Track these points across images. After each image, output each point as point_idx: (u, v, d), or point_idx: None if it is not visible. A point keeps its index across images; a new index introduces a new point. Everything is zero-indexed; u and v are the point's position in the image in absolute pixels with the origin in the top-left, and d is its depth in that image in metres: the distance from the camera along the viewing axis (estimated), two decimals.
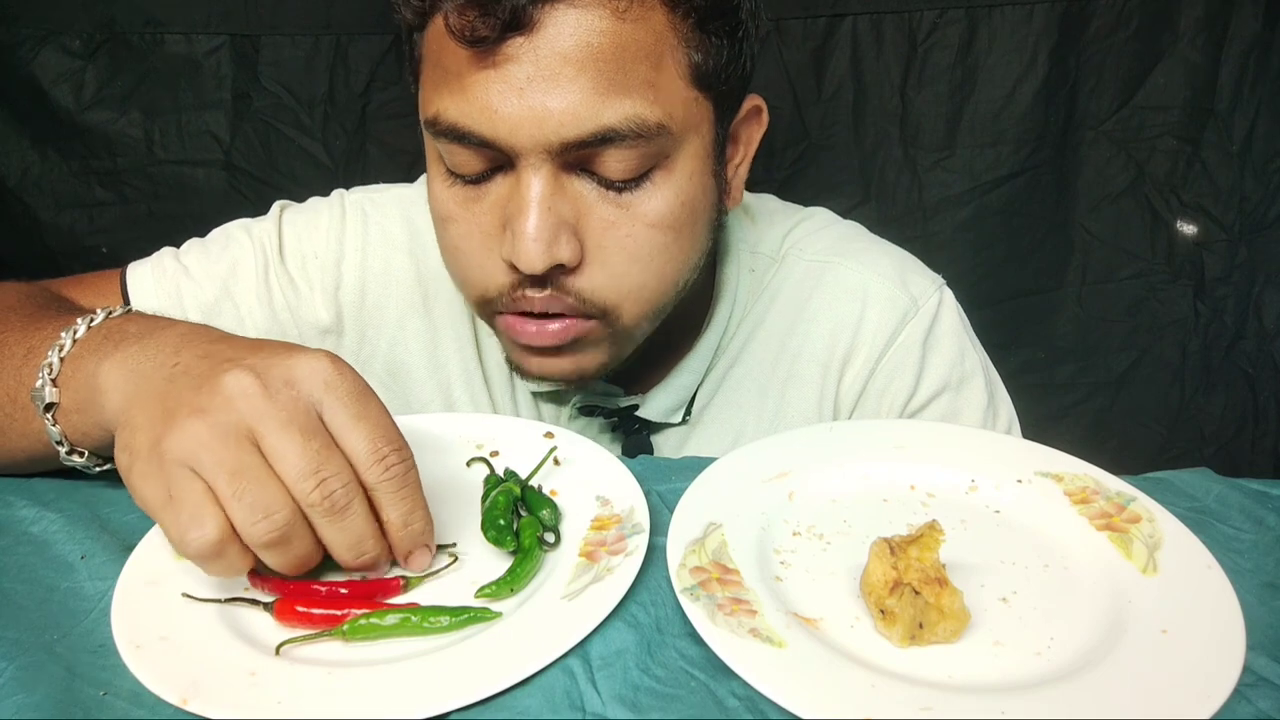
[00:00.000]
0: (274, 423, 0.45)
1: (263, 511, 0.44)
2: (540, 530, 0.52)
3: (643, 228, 0.61)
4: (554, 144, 0.56)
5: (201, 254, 0.77)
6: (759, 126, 0.70)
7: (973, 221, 1.17)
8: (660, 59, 0.57)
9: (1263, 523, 0.53)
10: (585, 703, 0.42)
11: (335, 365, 0.48)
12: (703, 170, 0.63)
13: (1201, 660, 0.42)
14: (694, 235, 0.65)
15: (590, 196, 0.60)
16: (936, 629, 0.44)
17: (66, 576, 0.51)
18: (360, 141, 1.15)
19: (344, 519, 0.46)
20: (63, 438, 0.56)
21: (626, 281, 0.62)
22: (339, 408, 0.47)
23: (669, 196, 0.61)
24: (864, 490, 0.56)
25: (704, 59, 0.59)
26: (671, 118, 0.58)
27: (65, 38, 1.09)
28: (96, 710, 0.42)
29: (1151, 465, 0.61)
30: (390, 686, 0.42)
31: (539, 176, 0.58)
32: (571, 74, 0.55)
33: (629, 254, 0.61)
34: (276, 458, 0.45)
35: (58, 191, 1.15)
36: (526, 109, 0.55)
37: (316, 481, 0.45)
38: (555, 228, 0.58)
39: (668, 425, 0.77)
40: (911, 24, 1.10)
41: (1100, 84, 1.13)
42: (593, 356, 0.65)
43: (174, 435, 0.45)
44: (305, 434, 0.45)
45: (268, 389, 0.46)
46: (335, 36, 1.11)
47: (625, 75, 0.56)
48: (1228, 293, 1.18)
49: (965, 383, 0.77)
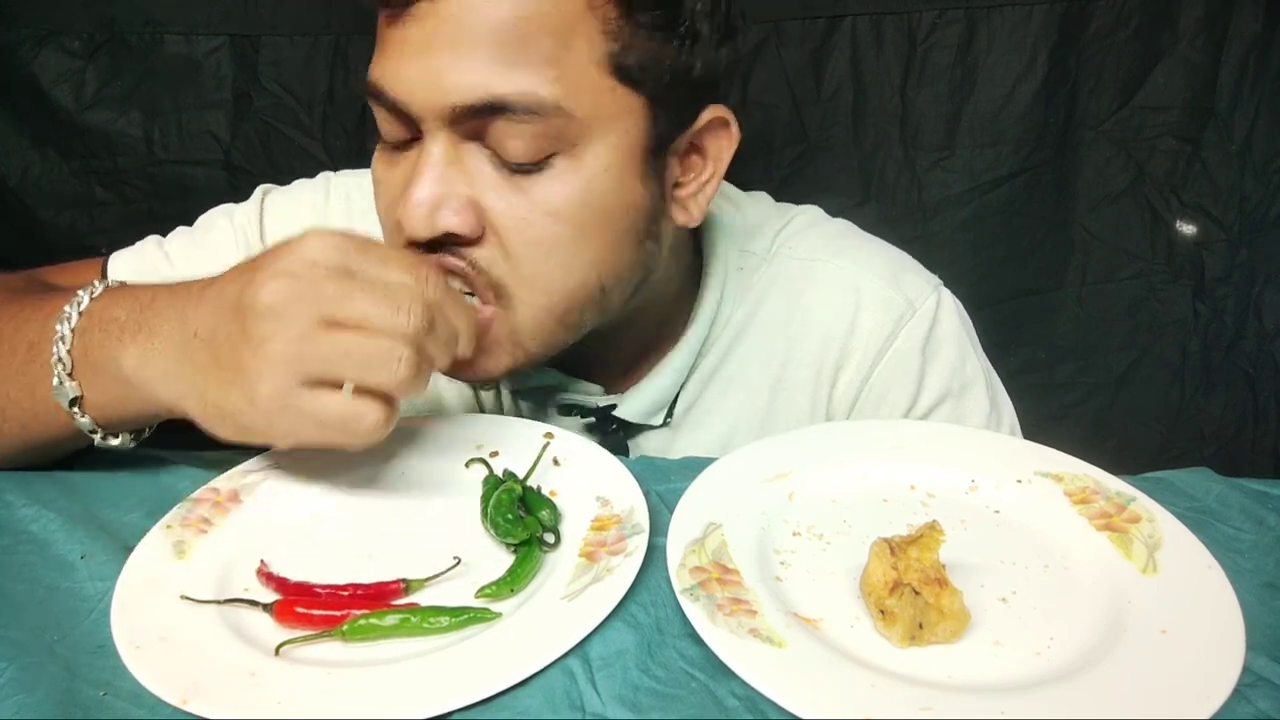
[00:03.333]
0: (335, 298, 0.48)
1: (394, 358, 0.49)
2: (540, 531, 0.52)
3: (541, 214, 0.58)
4: (444, 107, 0.56)
5: (185, 240, 0.77)
6: (728, 140, 0.65)
7: (973, 221, 1.17)
8: (570, 39, 0.56)
9: (1263, 523, 0.53)
10: (585, 703, 0.42)
11: (332, 232, 0.51)
12: (621, 169, 0.59)
13: (1201, 660, 0.42)
14: (606, 238, 0.61)
15: (489, 173, 0.58)
16: (936, 629, 0.44)
17: (66, 576, 0.51)
18: (360, 141, 1.14)
19: (437, 327, 0.51)
20: (95, 426, 0.57)
21: (524, 267, 0.59)
22: (364, 261, 0.50)
23: (571, 186, 0.58)
24: (864, 490, 0.56)
25: (625, 49, 0.57)
26: (574, 102, 0.56)
27: (65, 38, 1.09)
28: (96, 710, 0.42)
29: (1151, 465, 0.61)
30: (390, 686, 0.42)
31: (435, 143, 0.57)
32: (469, 40, 0.54)
33: (525, 239, 0.59)
34: (360, 320, 0.49)
35: (58, 191, 1.15)
36: (422, 71, 0.55)
37: (405, 313, 0.49)
38: (443, 195, 0.57)
39: (648, 427, 0.75)
40: (911, 24, 1.10)
41: (1100, 84, 1.13)
42: (494, 357, 0.62)
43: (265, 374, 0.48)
44: (364, 290, 0.49)
45: (303, 279, 0.49)
46: (335, 36, 1.11)
47: (525, 48, 0.55)
48: (1228, 293, 1.18)
49: (967, 389, 0.75)
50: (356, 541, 0.53)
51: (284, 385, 0.48)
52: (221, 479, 0.58)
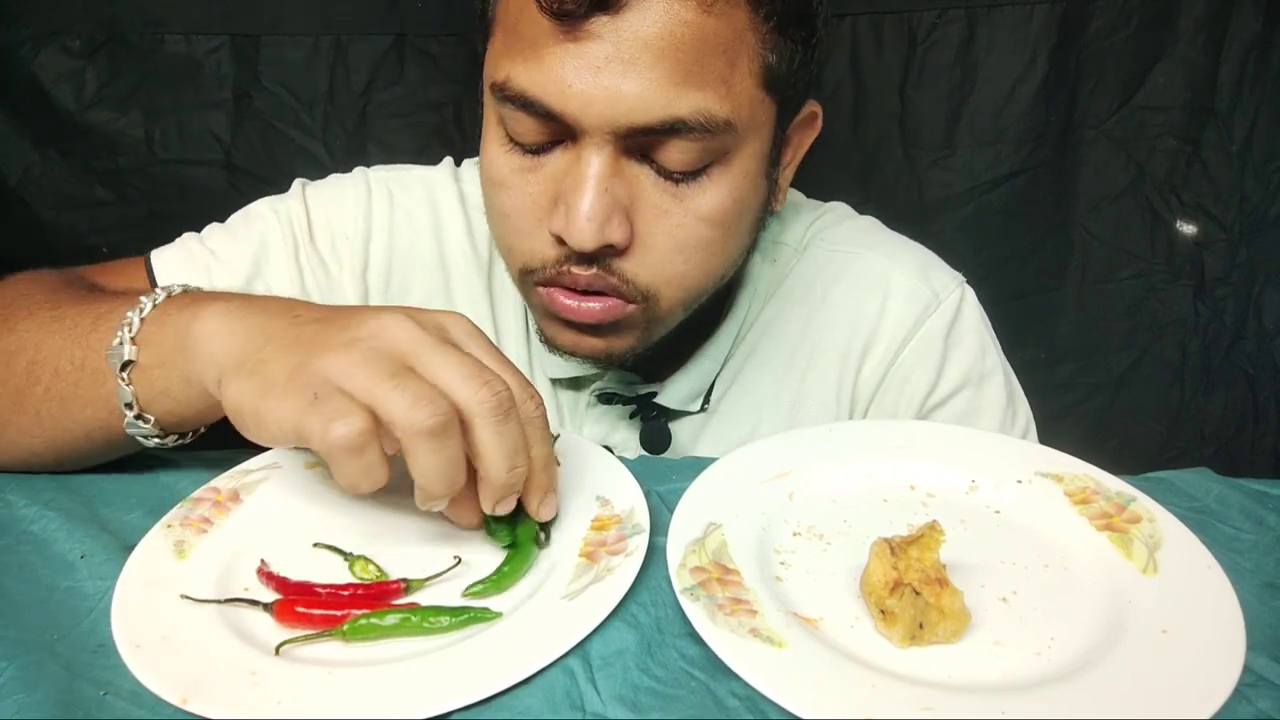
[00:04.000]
0: (432, 346, 0.47)
1: (427, 399, 0.45)
2: (535, 530, 0.52)
3: (694, 220, 0.61)
4: (622, 126, 0.56)
5: (226, 236, 0.76)
6: (812, 132, 0.71)
7: (973, 221, 1.17)
8: (736, 57, 0.57)
9: (1263, 523, 0.53)
10: (585, 703, 0.42)
11: (474, 325, 0.51)
12: (758, 171, 0.63)
13: (1201, 660, 0.42)
14: (740, 233, 0.65)
15: (646, 183, 0.60)
16: (937, 629, 0.44)
17: (66, 576, 0.51)
18: (360, 141, 1.15)
19: (507, 423, 0.47)
20: (134, 399, 0.56)
21: (670, 269, 0.62)
22: (484, 353, 0.49)
23: (723, 193, 0.61)
24: (864, 490, 0.56)
25: (778, 62, 0.60)
26: (739, 116, 0.58)
27: (66, 38, 1.09)
28: (96, 710, 0.42)
29: (1151, 465, 0.61)
30: (390, 686, 0.42)
31: (600, 156, 0.57)
32: (650, 60, 0.55)
33: (676, 243, 0.61)
34: (436, 371, 0.46)
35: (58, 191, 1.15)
36: (600, 88, 0.55)
37: (483, 382, 0.46)
38: (609, 209, 0.58)
39: (685, 413, 0.77)
40: (911, 24, 1.10)
41: (1100, 84, 1.13)
42: (625, 340, 0.66)
43: (323, 359, 0.46)
44: (462, 351, 0.48)
45: (422, 326, 0.48)
46: (335, 36, 1.11)
47: (702, 68, 0.56)
48: (1228, 293, 1.18)
49: (986, 380, 0.78)
50: (357, 541, 0.53)
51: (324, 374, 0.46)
52: (221, 479, 0.58)
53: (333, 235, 0.76)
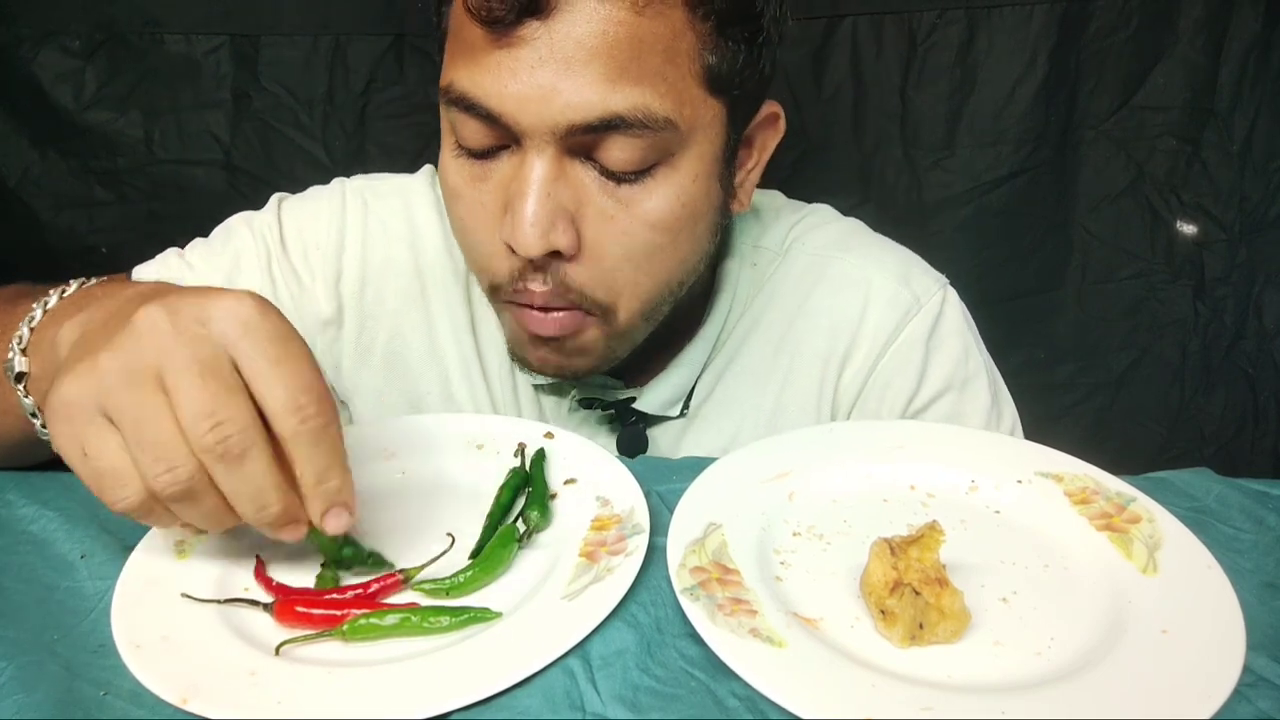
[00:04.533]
0: (177, 362, 0.43)
1: (165, 464, 0.42)
2: (517, 535, 0.52)
3: (640, 225, 0.60)
4: (560, 125, 0.56)
5: (205, 250, 0.77)
6: (775, 133, 0.70)
7: (973, 221, 1.17)
8: (675, 55, 0.57)
9: (1263, 523, 0.53)
10: (585, 703, 0.42)
11: (258, 306, 0.45)
12: (708, 174, 0.63)
13: (1201, 660, 0.42)
14: (692, 238, 0.64)
15: (591, 186, 0.59)
16: (937, 629, 0.44)
17: (66, 576, 0.51)
18: (360, 141, 1.15)
19: (241, 467, 0.43)
20: (36, 409, 0.55)
21: (622, 278, 0.62)
22: (255, 352, 0.44)
23: (669, 196, 0.60)
24: (864, 490, 0.56)
25: (719, 62, 0.59)
26: (680, 114, 0.58)
27: (65, 38, 1.09)
28: (96, 710, 0.42)
29: (1151, 465, 0.61)
30: (390, 686, 0.42)
31: (542, 159, 0.58)
32: (584, 58, 0.55)
33: (625, 250, 0.61)
34: (175, 399, 0.43)
35: (58, 191, 1.15)
36: (535, 88, 0.55)
37: (210, 425, 0.42)
38: (553, 213, 0.58)
39: (665, 418, 0.77)
40: (911, 24, 1.10)
41: (1100, 84, 1.13)
42: (588, 358, 0.66)
43: (88, 375, 0.43)
44: (205, 375, 0.43)
45: (176, 326, 0.43)
46: (335, 36, 1.11)
47: (638, 65, 0.56)
48: (1228, 293, 1.18)
49: (969, 384, 0.77)
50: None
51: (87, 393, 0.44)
52: None
53: (305, 246, 0.76)
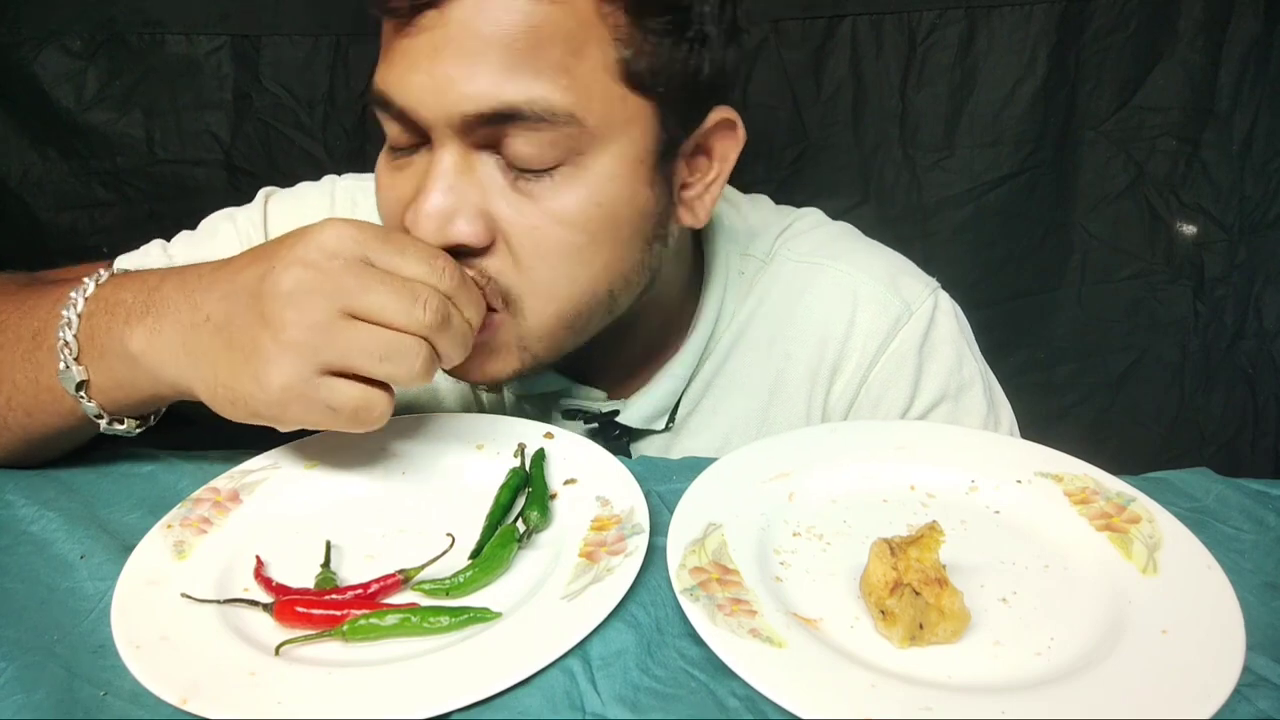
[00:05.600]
0: (354, 291, 0.50)
1: (411, 354, 0.51)
2: (517, 535, 0.52)
3: (550, 222, 0.58)
4: (455, 116, 0.55)
5: (188, 244, 0.77)
6: (735, 142, 0.65)
7: (972, 221, 1.17)
8: (581, 46, 0.56)
9: (1263, 523, 0.53)
10: (585, 703, 0.42)
11: (349, 223, 0.52)
12: (630, 175, 0.59)
13: (1201, 660, 0.42)
14: (615, 244, 0.61)
15: (498, 181, 0.58)
16: (937, 629, 0.44)
17: (66, 576, 0.51)
18: (360, 141, 1.15)
19: (452, 322, 0.52)
20: (101, 411, 0.57)
21: (534, 274, 0.60)
22: (381, 251, 0.52)
23: (580, 194, 0.58)
24: (864, 490, 0.56)
25: (635, 55, 0.57)
26: (586, 109, 0.56)
27: (66, 38, 1.09)
28: (96, 710, 0.42)
29: (1151, 465, 0.61)
30: (390, 686, 0.42)
31: (446, 152, 0.57)
32: (478, 47, 0.54)
33: (534, 246, 0.59)
34: (378, 313, 0.50)
35: (58, 191, 1.15)
36: (431, 79, 0.55)
37: (421, 307, 0.51)
38: (455, 206, 0.57)
39: (650, 432, 0.75)
40: (911, 24, 1.10)
41: (1100, 84, 1.13)
42: (501, 360, 0.63)
43: (284, 359, 0.49)
44: (383, 283, 0.50)
45: (321, 270, 0.50)
46: (335, 37, 1.11)
47: (536, 56, 0.55)
48: (1227, 293, 1.18)
49: (964, 391, 0.75)
50: (357, 542, 0.53)
51: (301, 372, 0.49)
52: (221, 479, 0.58)
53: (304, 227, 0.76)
